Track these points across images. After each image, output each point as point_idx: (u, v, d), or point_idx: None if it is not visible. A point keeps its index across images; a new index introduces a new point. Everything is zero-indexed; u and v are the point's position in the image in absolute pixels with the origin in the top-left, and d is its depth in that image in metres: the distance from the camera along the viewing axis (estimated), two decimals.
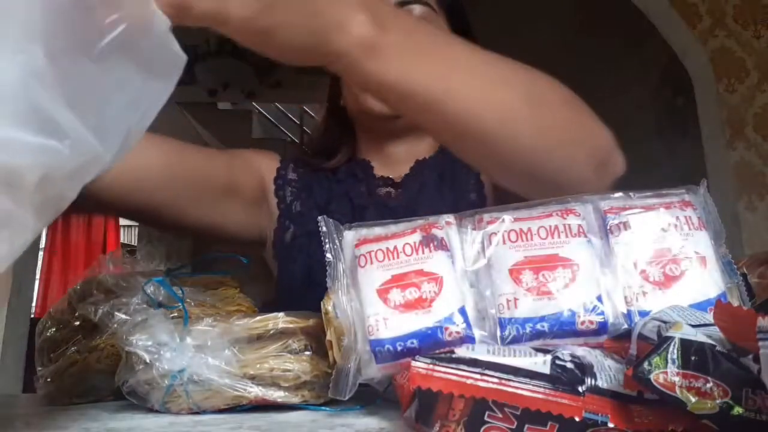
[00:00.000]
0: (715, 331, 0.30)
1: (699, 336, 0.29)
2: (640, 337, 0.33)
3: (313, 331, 0.49)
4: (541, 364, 0.34)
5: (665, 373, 0.28)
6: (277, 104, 5.74)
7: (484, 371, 0.33)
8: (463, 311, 0.41)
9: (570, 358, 0.34)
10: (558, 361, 0.34)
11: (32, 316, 3.18)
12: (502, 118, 0.45)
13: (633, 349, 0.33)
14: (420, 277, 0.42)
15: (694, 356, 0.28)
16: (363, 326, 0.41)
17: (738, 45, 2.65)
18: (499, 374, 0.33)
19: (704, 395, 0.27)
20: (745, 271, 0.49)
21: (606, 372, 0.34)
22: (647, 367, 0.29)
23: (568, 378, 0.33)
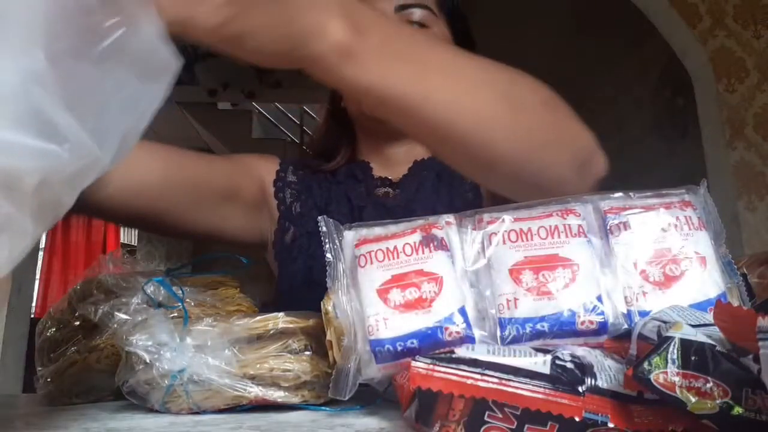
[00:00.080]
0: (715, 331, 0.30)
1: (699, 336, 0.29)
2: (640, 337, 0.33)
3: (313, 331, 0.49)
4: (541, 364, 0.34)
5: (665, 373, 0.28)
6: (277, 104, 5.74)
7: (484, 371, 0.33)
8: (463, 311, 0.41)
9: (570, 358, 0.34)
10: (558, 361, 0.34)
11: (32, 316, 3.18)
12: (480, 123, 0.45)
13: (633, 349, 0.33)
14: (420, 277, 0.42)
15: (694, 356, 0.28)
16: (363, 326, 0.41)
17: (738, 45, 2.65)
18: (499, 374, 0.33)
19: (704, 395, 0.27)
20: (745, 271, 0.49)
21: (606, 372, 0.34)
22: (647, 367, 0.29)
23: (568, 378, 0.33)
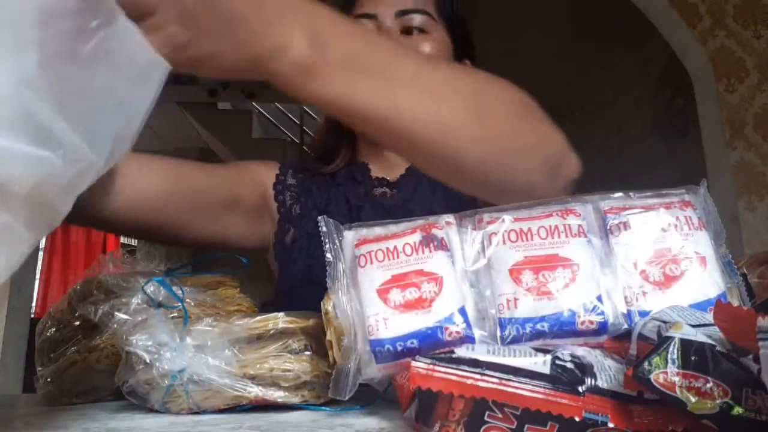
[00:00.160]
0: (715, 331, 0.30)
1: (699, 336, 0.29)
2: (640, 337, 0.33)
3: (313, 331, 0.49)
4: (541, 364, 0.34)
5: (665, 373, 0.28)
6: (277, 104, 5.74)
7: (484, 371, 0.33)
8: (463, 311, 0.41)
9: (570, 358, 0.34)
10: (558, 361, 0.34)
11: (32, 316, 3.18)
12: (445, 133, 0.45)
13: (633, 349, 0.33)
14: (420, 277, 0.42)
15: (694, 356, 0.28)
16: (363, 326, 0.41)
17: (738, 45, 2.65)
18: (499, 374, 0.33)
19: (704, 395, 0.27)
20: (745, 271, 0.49)
21: (606, 372, 0.34)
22: (647, 367, 0.29)
23: (568, 378, 0.33)
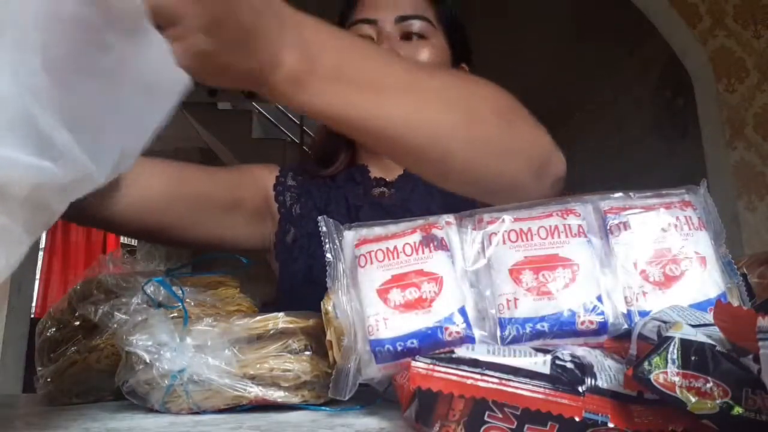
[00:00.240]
0: (715, 331, 0.30)
1: (699, 336, 0.29)
2: (640, 337, 0.33)
3: (313, 331, 0.49)
4: (541, 364, 0.34)
5: (665, 373, 0.28)
6: (277, 104, 5.74)
7: (484, 371, 0.33)
8: (463, 311, 0.41)
9: (570, 358, 0.34)
10: (558, 361, 0.34)
11: (32, 316, 3.18)
12: (434, 138, 0.47)
13: (633, 349, 0.33)
14: (420, 277, 0.42)
15: (694, 356, 0.28)
16: (363, 326, 0.41)
17: (738, 45, 2.65)
18: (499, 374, 0.33)
19: (704, 395, 0.27)
20: (745, 271, 0.49)
21: (606, 372, 0.34)
22: (647, 367, 0.29)
23: (568, 378, 0.33)
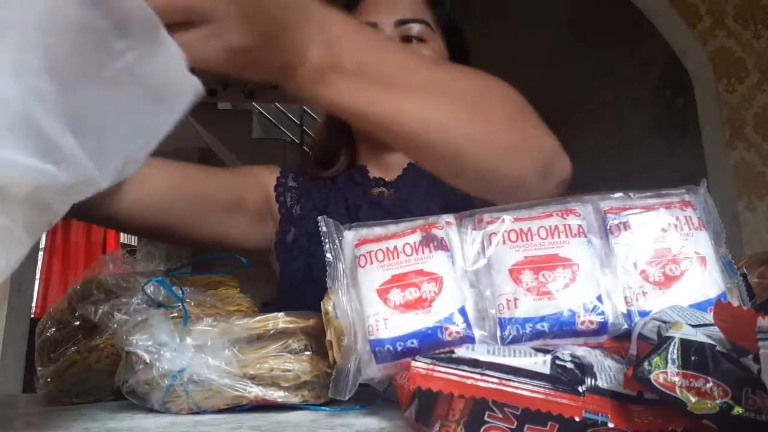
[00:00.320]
0: (715, 331, 0.30)
1: (699, 336, 0.29)
2: (640, 337, 0.33)
3: (313, 331, 0.49)
4: (541, 364, 0.34)
5: (665, 373, 0.28)
6: (277, 104, 5.74)
7: (484, 371, 0.33)
8: (463, 311, 0.41)
9: (570, 358, 0.34)
10: (558, 361, 0.34)
11: (32, 316, 3.18)
12: (447, 136, 0.49)
13: (633, 349, 0.33)
14: (420, 277, 0.42)
15: (694, 356, 0.28)
16: (363, 326, 0.41)
17: (738, 45, 2.65)
18: (499, 374, 0.33)
19: (704, 395, 0.27)
20: (745, 271, 0.49)
21: (606, 372, 0.34)
22: (647, 367, 0.29)
23: (568, 378, 0.33)
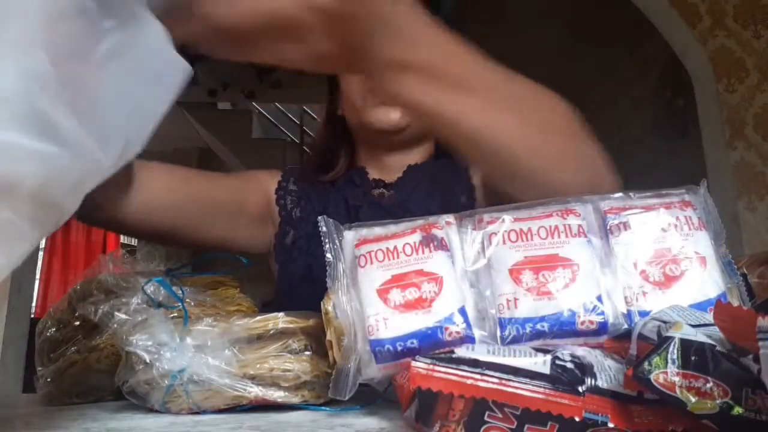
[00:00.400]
0: (715, 331, 0.30)
1: (699, 336, 0.29)
2: (640, 337, 0.33)
3: (313, 331, 0.49)
4: (541, 364, 0.34)
5: (665, 373, 0.28)
6: (277, 104, 5.74)
7: (484, 371, 0.33)
8: (463, 311, 0.41)
9: (570, 358, 0.34)
10: (558, 361, 0.34)
11: (32, 316, 3.17)
12: (505, 142, 0.49)
13: (633, 349, 0.33)
14: (420, 277, 0.42)
15: (694, 356, 0.28)
16: (363, 326, 0.41)
17: (738, 45, 2.64)
18: (499, 374, 0.33)
19: (704, 395, 0.27)
20: (745, 271, 0.49)
21: (606, 372, 0.34)
22: (647, 367, 0.29)
23: (568, 378, 0.33)
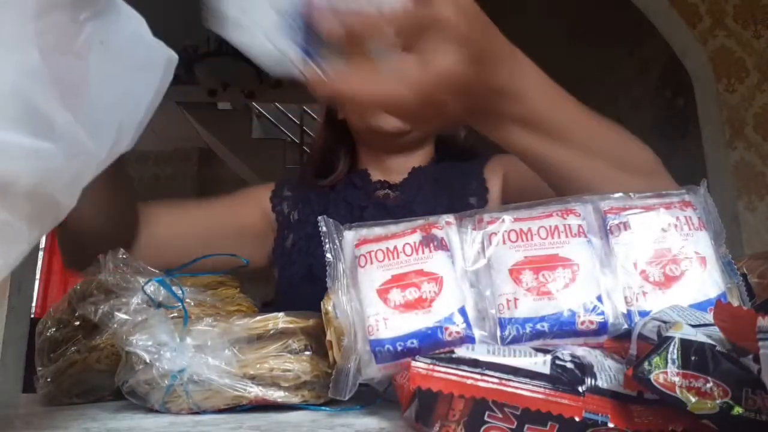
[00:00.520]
0: (715, 331, 0.30)
1: (699, 336, 0.29)
2: (640, 337, 0.33)
3: (313, 331, 0.49)
4: (541, 364, 0.34)
5: (665, 373, 0.28)
6: (277, 104, 5.74)
7: (484, 371, 0.33)
8: (463, 311, 0.41)
9: (570, 358, 0.34)
10: (558, 361, 0.34)
11: (32, 316, 3.17)
12: (598, 181, 0.50)
13: (633, 349, 0.33)
14: (420, 277, 0.42)
15: (694, 356, 0.28)
16: (363, 326, 0.41)
17: (738, 45, 2.65)
18: (499, 374, 0.33)
19: (704, 395, 0.27)
20: (745, 271, 0.49)
21: (606, 372, 0.34)
22: (647, 367, 0.29)
23: (568, 378, 0.33)
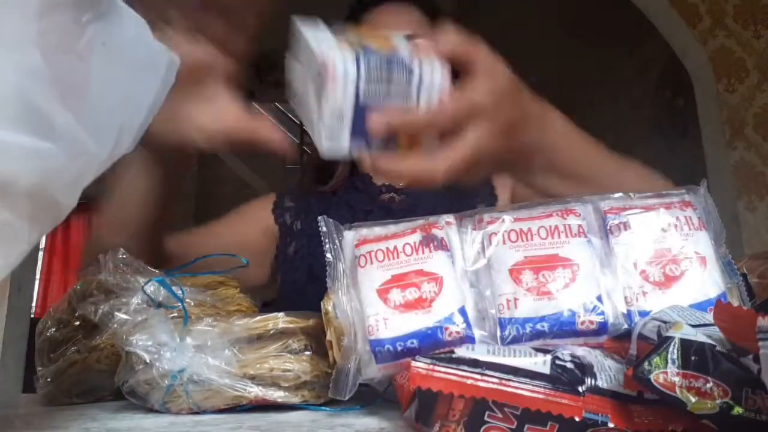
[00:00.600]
0: (715, 331, 0.30)
1: (699, 336, 0.29)
2: (640, 337, 0.33)
3: (313, 331, 0.49)
4: (541, 364, 0.34)
5: (665, 373, 0.28)
6: (277, 104, 5.74)
7: (484, 371, 0.33)
8: (463, 311, 0.41)
9: (570, 358, 0.34)
10: (558, 361, 0.34)
11: (32, 316, 3.17)
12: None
13: (633, 349, 0.33)
14: (420, 277, 0.42)
15: (694, 356, 0.28)
16: (363, 326, 0.41)
17: (738, 45, 2.64)
18: (499, 374, 0.33)
19: (704, 395, 0.27)
20: (745, 271, 0.49)
21: (606, 372, 0.34)
22: (647, 367, 0.29)
23: (568, 378, 0.33)
